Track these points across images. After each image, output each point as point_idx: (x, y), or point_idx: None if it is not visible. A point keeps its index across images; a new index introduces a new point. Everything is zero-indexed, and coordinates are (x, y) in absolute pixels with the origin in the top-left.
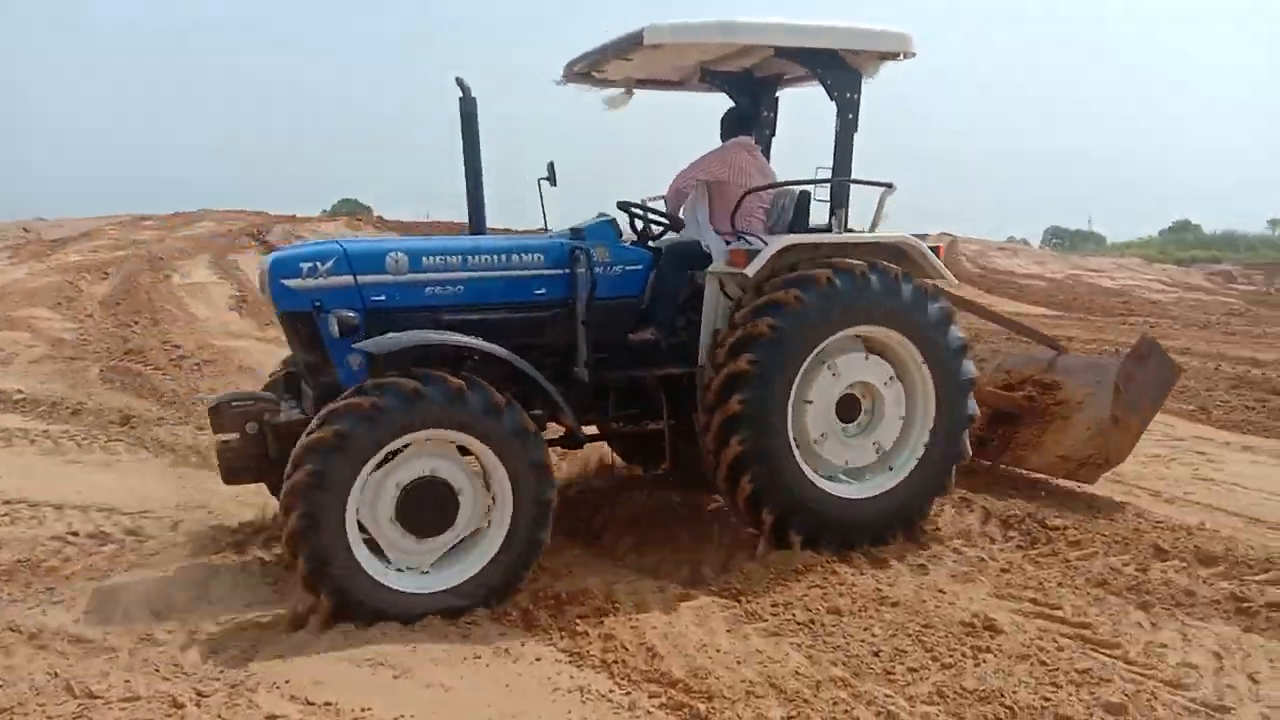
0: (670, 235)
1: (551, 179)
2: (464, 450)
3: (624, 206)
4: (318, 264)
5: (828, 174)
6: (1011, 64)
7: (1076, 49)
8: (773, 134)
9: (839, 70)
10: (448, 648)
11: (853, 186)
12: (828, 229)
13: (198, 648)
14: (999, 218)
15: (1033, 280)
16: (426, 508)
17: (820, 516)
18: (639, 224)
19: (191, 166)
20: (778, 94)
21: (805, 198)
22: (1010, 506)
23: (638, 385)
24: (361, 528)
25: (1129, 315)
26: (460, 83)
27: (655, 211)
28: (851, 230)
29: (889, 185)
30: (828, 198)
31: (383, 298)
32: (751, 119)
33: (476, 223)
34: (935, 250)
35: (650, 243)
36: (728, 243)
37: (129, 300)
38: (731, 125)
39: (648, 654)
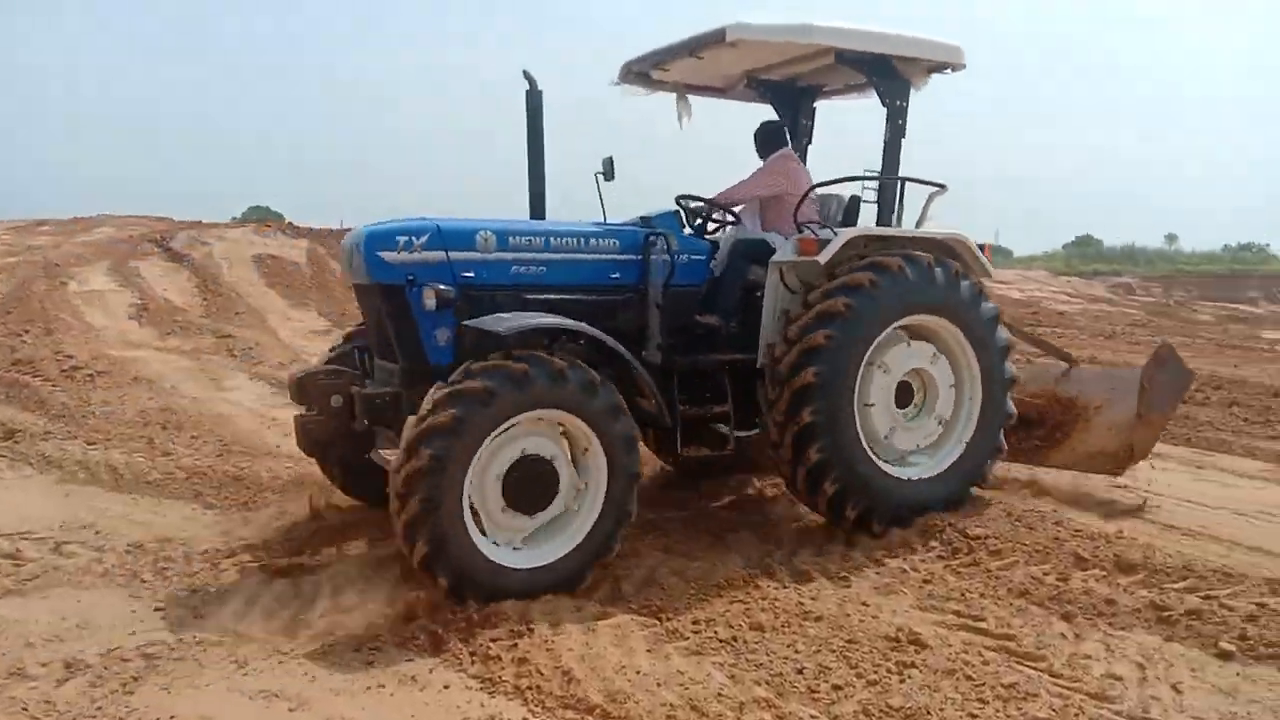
0: (727, 230)
1: (608, 174)
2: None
3: (686, 200)
4: (413, 238)
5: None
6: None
7: (979, 63)
8: (809, 142)
9: (892, 79)
10: (349, 677)
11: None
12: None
13: (74, 682)
14: None
15: None
16: (530, 485)
17: (875, 496)
18: (692, 218)
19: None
20: (815, 104)
21: (855, 201)
22: (931, 516)
23: (702, 370)
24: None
25: (1038, 326)
26: (527, 75)
27: (717, 205)
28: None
29: (942, 186)
30: (873, 200)
31: (472, 274)
32: (785, 132)
33: (536, 213)
34: (982, 248)
35: (705, 236)
36: (785, 237)
37: (21, 308)
38: (769, 139)
39: (564, 678)
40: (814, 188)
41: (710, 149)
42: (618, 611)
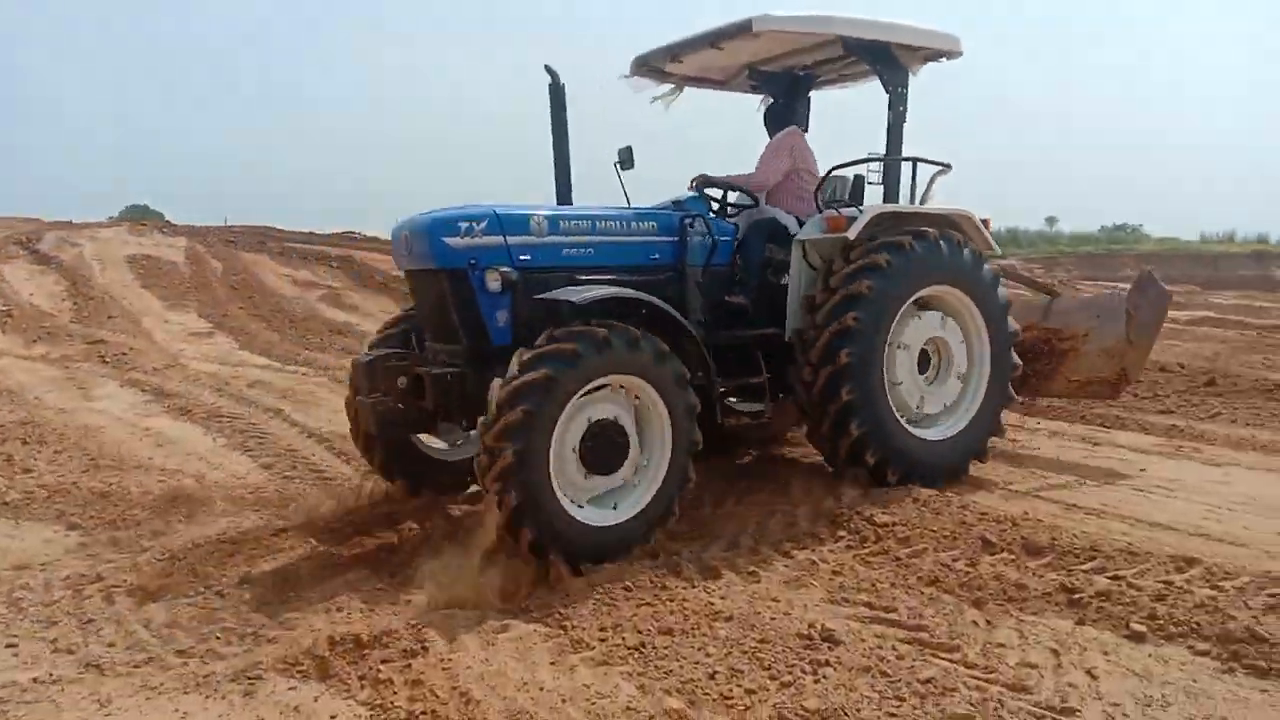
0: (746, 211)
1: (626, 162)
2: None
3: (707, 182)
4: (474, 224)
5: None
6: None
7: None
8: (806, 129)
9: (894, 67)
10: (225, 711)
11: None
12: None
13: None
14: None
15: None
16: (603, 448)
17: (911, 458)
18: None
19: None
20: (810, 94)
21: (860, 181)
22: (837, 505)
23: (735, 344)
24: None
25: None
26: (550, 70)
27: (736, 188)
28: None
29: (947, 165)
30: (877, 180)
31: (528, 257)
32: (792, 112)
33: (562, 199)
34: (985, 223)
35: (726, 218)
36: (799, 221)
37: None
38: (780, 117)
39: (462, 700)
40: (834, 170)
41: (695, 142)
42: (519, 622)
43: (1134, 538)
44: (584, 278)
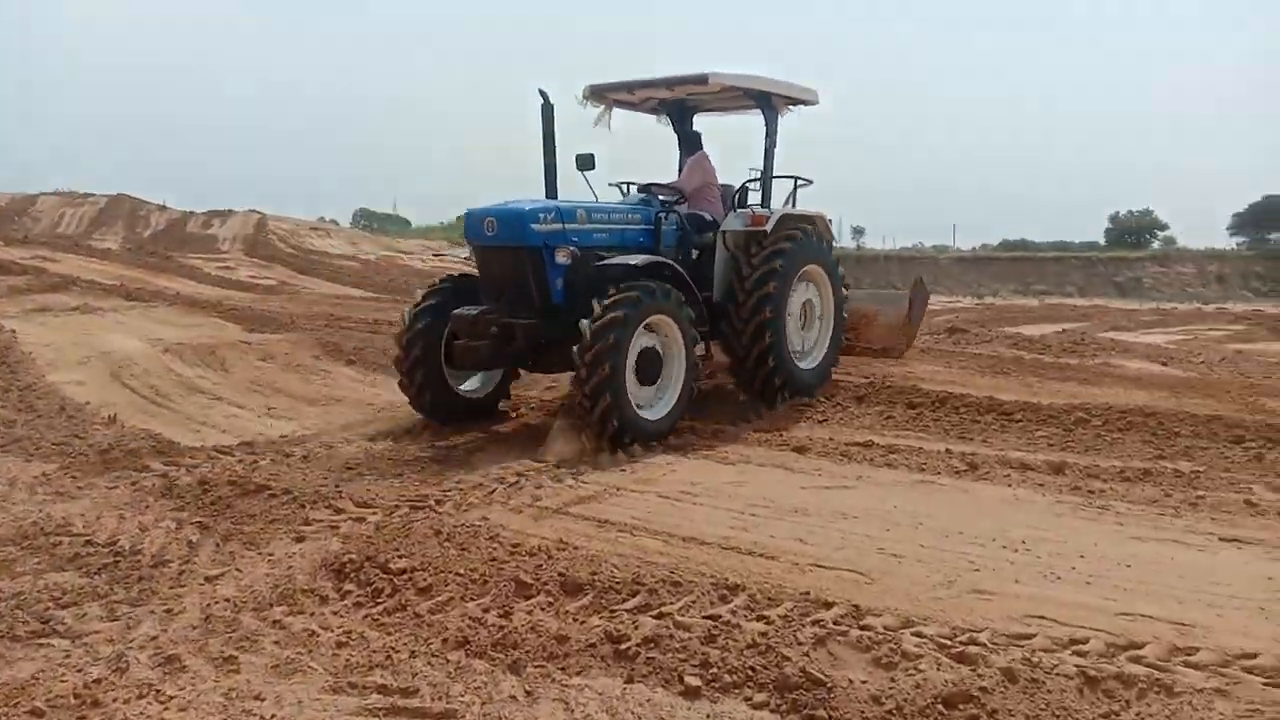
0: (679, 208)
1: (586, 165)
2: None
3: (642, 187)
4: (546, 215)
5: (756, 175)
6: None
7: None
8: (701, 148)
9: (771, 109)
10: None
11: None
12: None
13: None
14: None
15: (347, 261)
16: (649, 366)
17: (798, 384)
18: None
19: None
20: (694, 118)
21: (744, 190)
22: (348, 549)
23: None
24: None
25: None
26: (541, 92)
27: (667, 188)
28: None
29: (809, 180)
30: (755, 189)
31: (576, 240)
32: (697, 138)
33: (550, 197)
34: (828, 221)
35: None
36: (711, 218)
37: None
38: (692, 142)
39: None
40: (746, 183)
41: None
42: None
43: (672, 559)
44: (603, 254)
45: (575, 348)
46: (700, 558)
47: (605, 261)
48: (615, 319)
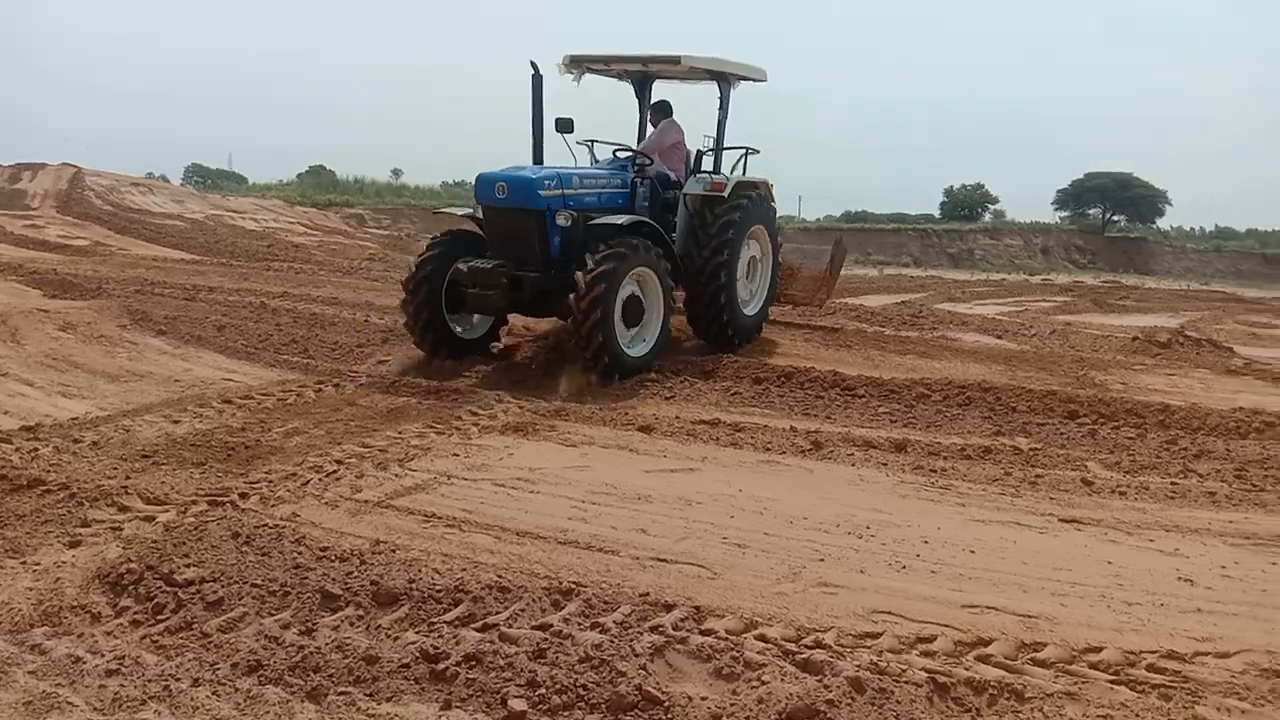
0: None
1: (567, 128)
2: None
3: (590, 143)
4: (550, 182)
5: (710, 144)
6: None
7: None
8: (671, 115)
9: (726, 84)
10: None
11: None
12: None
13: None
14: (141, 153)
15: (171, 221)
16: (633, 310)
17: (743, 329)
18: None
19: None
20: (653, 86)
21: (700, 155)
22: (129, 556)
23: None
24: None
25: (273, 260)
26: (533, 64)
27: (639, 153)
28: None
29: (757, 150)
30: (710, 153)
31: (573, 203)
32: (666, 106)
33: (537, 162)
34: (771, 186)
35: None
36: (675, 178)
37: None
38: (662, 110)
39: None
40: (705, 150)
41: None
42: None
43: (502, 558)
44: (591, 214)
45: (572, 296)
46: (534, 555)
47: (595, 221)
48: (606, 270)
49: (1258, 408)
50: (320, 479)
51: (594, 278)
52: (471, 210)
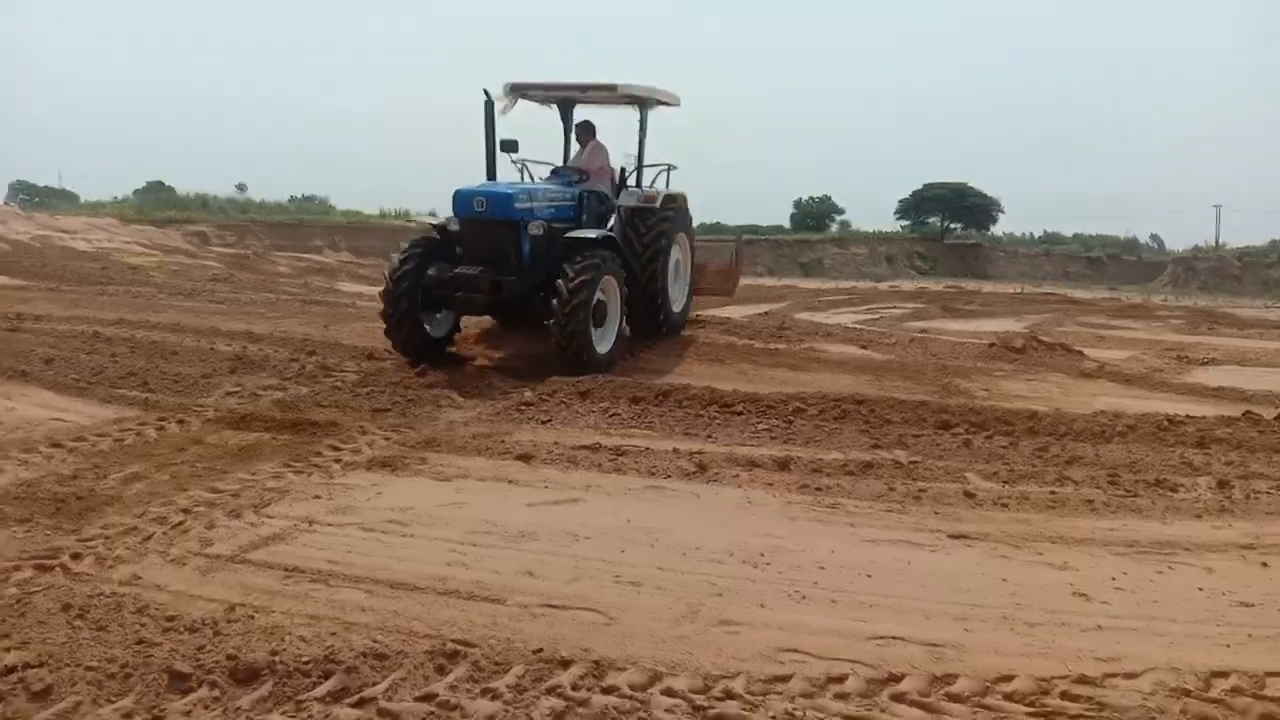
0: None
1: (512, 149)
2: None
3: (555, 169)
4: (523, 196)
5: (631, 162)
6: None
7: None
8: (595, 137)
9: (646, 109)
10: None
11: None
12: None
13: None
14: None
15: None
16: (600, 313)
17: (674, 321)
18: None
19: None
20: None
21: (624, 172)
22: None
23: None
24: None
25: (107, 284)
26: (485, 92)
27: (575, 170)
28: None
29: (673, 166)
30: (633, 170)
31: (540, 216)
32: (592, 127)
33: (490, 179)
34: (686, 199)
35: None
36: (606, 193)
37: None
38: (589, 131)
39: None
40: (632, 169)
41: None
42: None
43: (376, 618)
44: (556, 225)
45: (554, 301)
46: (411, 611)
47: (571, 234)
48: (585, 280)
49: (1117, 410)
50: (165, 532)
51: (575, 287)
52: (445, 222)
